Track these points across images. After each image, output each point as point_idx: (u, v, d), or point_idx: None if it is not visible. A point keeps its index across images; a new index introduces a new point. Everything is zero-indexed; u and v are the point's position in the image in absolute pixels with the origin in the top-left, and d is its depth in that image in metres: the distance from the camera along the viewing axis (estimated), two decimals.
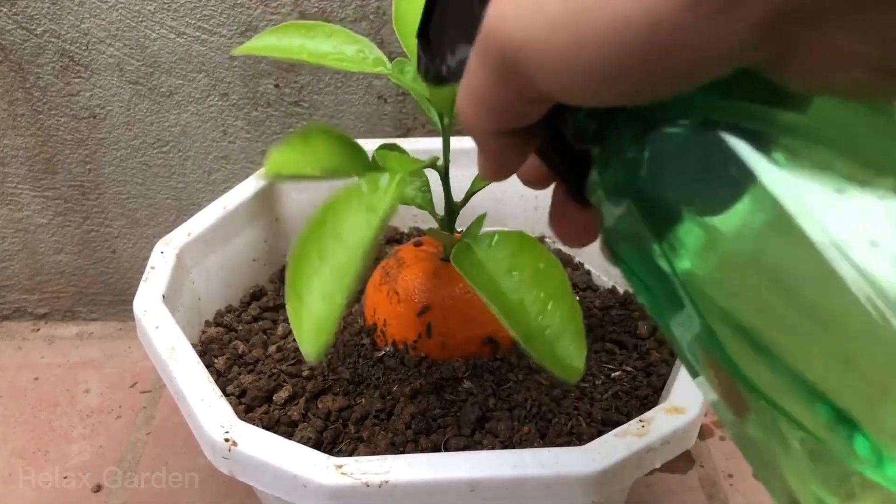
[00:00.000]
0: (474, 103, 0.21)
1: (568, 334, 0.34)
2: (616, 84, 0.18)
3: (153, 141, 0.58)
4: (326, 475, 0.32)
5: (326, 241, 0.32)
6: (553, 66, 0.18)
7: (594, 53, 0.17)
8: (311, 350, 0.29)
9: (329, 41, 0.40)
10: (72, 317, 0.67)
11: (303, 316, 0.30)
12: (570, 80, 0.18)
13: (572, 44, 0.17)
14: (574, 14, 0.17)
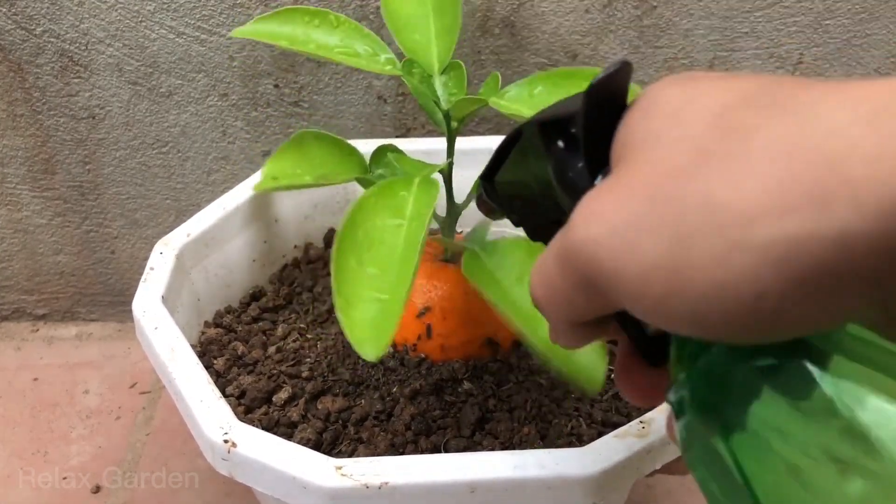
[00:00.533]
0: (550, 296, 0.22)
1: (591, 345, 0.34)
2: (709, 332, 0.18)
3: (152, 141, 0.58)
4: (326, 476, 0.32)
5: (362, 247, 0.32)
6: (644, 304, 0.18)
7: (689, 308, 0.17)
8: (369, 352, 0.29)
9: (336, 33, 0.40)
10: (71, 317, 0.67)
11: (354, 319, 0.30)
12: (660, 319, 0.18)
13: (667, 293, 0.17)
14: (673, 267, 0.17)
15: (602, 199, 0.19)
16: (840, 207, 0.15)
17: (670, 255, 0.17)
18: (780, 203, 0.15)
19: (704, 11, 0.53)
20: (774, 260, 0.15)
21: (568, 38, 0.54)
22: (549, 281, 0.21)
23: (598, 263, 0.19)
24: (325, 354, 0.43)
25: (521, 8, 0.53)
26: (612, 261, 0.18)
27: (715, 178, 0.17)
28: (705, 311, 0.17)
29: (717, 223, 0.16)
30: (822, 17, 0.53)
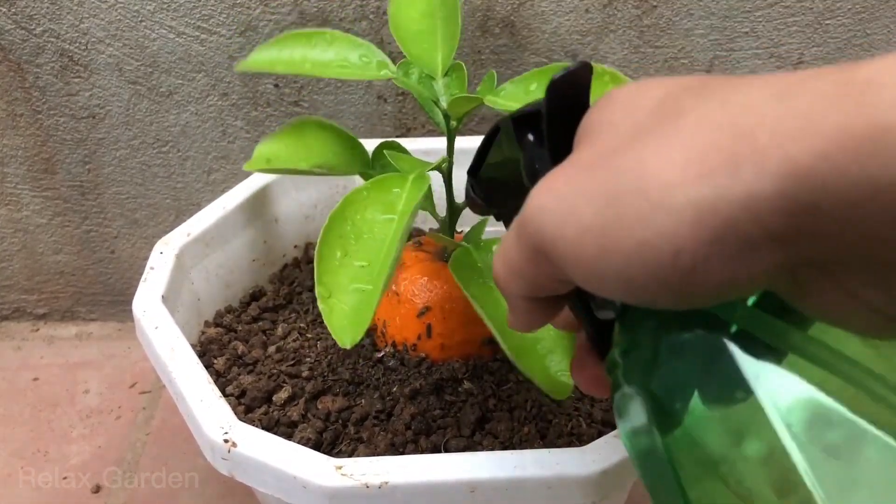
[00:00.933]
0: (508, 271, 0.23)
1: (560, 350, 0.35)
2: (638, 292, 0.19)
3: (152, 141, 0.58)
4: (326, 476, 0.32)
5: (349, 240, 0.33)
6: (580, 266, 0.20)
7: (618, 265, 0.19)
8: (345, 339, 0.30)
9: (331, 49, 0.40)
10: (71, 317, 0.67)
11: (333, 308, 0.31)
12: (594, 280, 0.20)
13: (598, 253, 0.19)
14: (603, 228, 0.19)
15: (554, 174, 0.21)
16: (747, 173, 0.16)
17: (602, 217, 0.19)
18: (698, 170, 0.17)
19: (704, 11, 0.53)
20: (690, 219, 0.17)
21: (568, 37, 0.54)
22: (506, 255, 0.23)
23: (544, 229, 0.20)
24: (325, 354, 0.43)
25: (520, 7, 0.53)
26: (554, 225, 0.20)
27: (647, 151, 0.19)
28: (631, 269, 0.18)
29: (643, 188, 0.18)
30: (822, 16, 0.53)
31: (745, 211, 0.16)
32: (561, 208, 0.20)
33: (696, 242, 0.17)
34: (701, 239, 0.17)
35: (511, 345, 0.34)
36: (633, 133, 0.20)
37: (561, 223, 0.20)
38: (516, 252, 0.22)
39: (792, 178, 0.16)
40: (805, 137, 0.16)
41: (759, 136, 0.17)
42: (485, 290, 0.36)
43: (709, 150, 0.17)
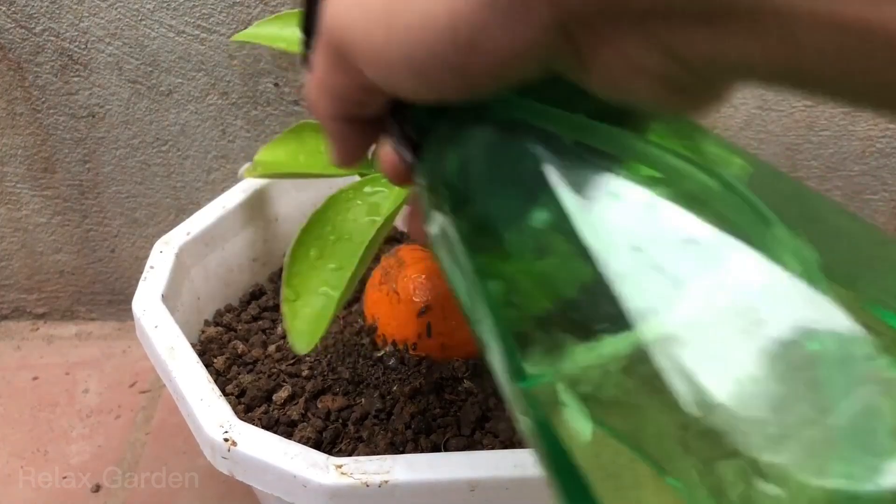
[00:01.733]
0: (317, 89, 0.22)
1: None
2: (427, 78, 0.18)
3: (152, 140, 0.58)
4: (326, 475, 0.32)
5: (327, 241, 0.32)
6: (370, 58, 0.19)
7: (403, 48, 0.18)
8: (302, 345, 0.29)
9: None
10: (71, 316, 0.67)
11: (298, 311, 0.30)
12: (386, 71, 0.19)
13: (385, 38, 0.18)
14: (387, 9, 0.18)
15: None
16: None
17: (389, 9, 0.18)
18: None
19: None
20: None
21: None
22: (316, 72, 0.22)
23: (339, 27, 0.20)
24: (324, 353, 0.43)
25: None
26: (348, 18, 0.19)
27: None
28: (414, 50, 0.18)
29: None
30: None
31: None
32: (351, 2, 0.19)
33: (470, 7, 0.16)
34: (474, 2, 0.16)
35: None
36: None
37: (351, 16, 0.19)
38: (321, 62, 0.21)
39: None
40: None
41: None
42: None
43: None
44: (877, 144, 0.58)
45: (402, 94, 0.20)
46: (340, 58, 0.20)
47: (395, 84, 0.19)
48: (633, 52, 0.17)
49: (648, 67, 0.17)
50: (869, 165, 0.59)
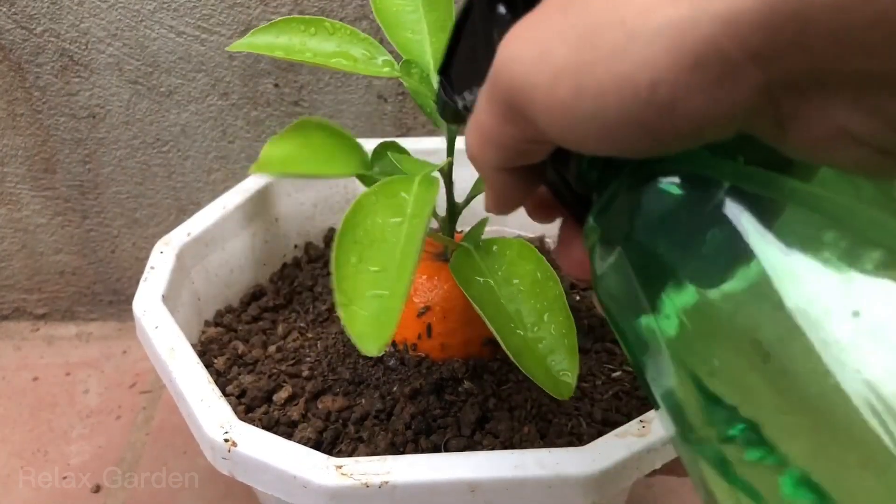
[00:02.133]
0: (481, 139, 0.22)
1: (562, 349, 0.35)
2: (615, 136, 0.18)
3: (152, 140, 0.58)
4: (326, 476, 0.32)
5: (363, 244, 0.32)
6: (554, 114, 0.18)
7: (594, 106, 0.17)
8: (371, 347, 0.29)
9: (332, 39, 0.40)
10: (71, 317, 0.67)
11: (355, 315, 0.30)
12: (570, 128, 0.18)
13: (574, 95, 0.18)
14: (577, 66, 0.17)
15: (522, 22, 0.20)
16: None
17: (576, 55, 0.17)
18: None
19: None
20: (667, 43, 0.16)
21: None
22: (478, 122, 0.22)
23: (514, 78, 0.19)
24: (325, 354, 0.43)
25: None
26: (525, 71, 0.19)
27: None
28: (607, 110, 0.17)
29: (619, 17, 0.17)
30: None
31: (726, 27, 0.15)
32: (531, 53, 0.18)
33: (675, 70, 0.16)
34: (680, 65, 0.16)
35: (512, 345, 0.34)
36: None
37: (532, 68, 0.18)
38: (487, 113, 0.21)
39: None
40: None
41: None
42: (485, 292, 0.36)
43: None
44: None
45: (580, 148, 0.19)
46: (514, 110, 0.20)
47: (575, 140, 0.19)
48: (841, 115, 0.16)
49: (856, 131, 0.16)
50: None
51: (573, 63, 0.18)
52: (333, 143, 0.42)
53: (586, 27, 0.17)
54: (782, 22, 0.15)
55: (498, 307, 0.36)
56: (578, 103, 0.18)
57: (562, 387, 0.34)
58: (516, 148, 0.21)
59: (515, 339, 0.35)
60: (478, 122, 0.22)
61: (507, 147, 0.21)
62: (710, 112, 0.17)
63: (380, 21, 0.41)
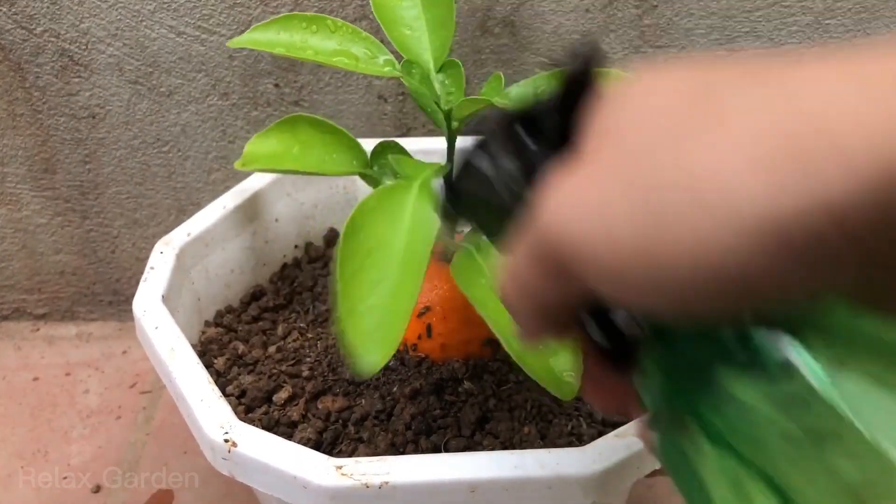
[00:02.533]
0: (519, 292, 0.21)
1: (564, 350, 0.35)
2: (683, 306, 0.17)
3: (153, 140, 0.58)
4: (326, 476, 0.32)
5: (360, 254, 0.32)
6: (619, 288, 0.17)
7: (668, 284, 0.16)
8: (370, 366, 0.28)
9: (333, 37, 0.40)
10: (71, 317, 0.67)
11: (357, 328, 0.29)
12: (637, 301, 0.18)
13: (639, 267, 0.17)
14: (650, 248, 0.16)
15: (571, 180, 0.18)
16: (830, 173, 0.14)
17: (646, 234, 0.16)
18: (767, 174, 0.15)
19: (705, 11, 0.53)
20: (761, 230, 0.15)
21: (568, 37, 0.54)
22: (517, 273, 0.21)
23: (570, 246, 0.18)
24: (325, 354, 0.43)
25: (521, 7, 0.53)
26: (585, 242, 0.17)
27: (693, 151, 0.16)
28: (686, 289, 0.16)
29: (697, 199, 0.15)
30: (822, 16, 0.53)
31: (829, 216, 0.14)
32: (587, 216, 0.17)
33: (769, 257, 0.15)
34: (774, 253, 0.15)
35: (514, 346, 0.34)
36: (670, 128, 0.17)
37: (588, 232, 0.17)
38: (528, 268, 0.20)
39: (887, 178, 0.14)
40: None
41: (839, 130, 0.14)
42: (487, 293, 0.36)
43: (774, 145, 0.15)
44: None
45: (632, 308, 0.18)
46: (561, 268, 0.18)
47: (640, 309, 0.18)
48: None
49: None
50: None
51: (644, 242, 0.16)
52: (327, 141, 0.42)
53: (653, 196, 0.16)
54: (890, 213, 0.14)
55: (500, 309, 0.36)
56: (648, 278, 0.17)
57: (565, 387, 0.34)
58: (557, 301, 0.20)
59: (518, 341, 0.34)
60: (516, 275, 0.21)
61: (547, 300, 0.20)
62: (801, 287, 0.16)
63: (378, 18, 0.41)
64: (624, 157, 0.17)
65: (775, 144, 0.15)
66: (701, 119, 0.16)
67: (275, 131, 0.41)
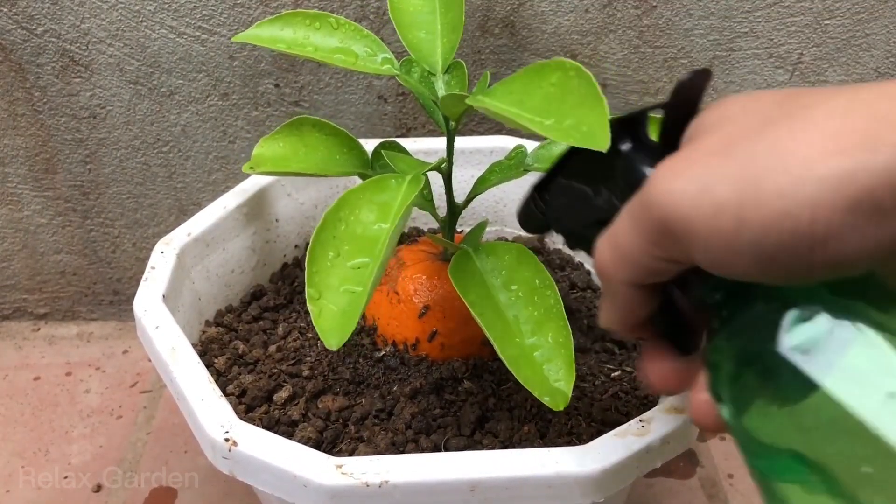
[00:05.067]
0: (618, 257, 0.24)
1: (559, 359, 0.35)
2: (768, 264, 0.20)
3: (153, 141, 0.58)
4: (326, 475, 0.32)
5: (342, 241, 0.33)
6: (714, 245, 0.21)
7: (754, 239, 0.20)
8: (332, 341, 0.30)
9: (335, 35, 0.40)
10: (72, 317, 0.67)
11: (323, 308, 0.31)
12: (727, 258, 0.21)
13: (736, 228, 0.20)
14: (740, 202, 0.20)
15: (676, 160, 0.22)
16: (886, 149, 0.18)
17: (740, 194, 0.20)
18: (837, 146, 0.19)
19: (704, 11, 0.53)
20: (830, 188, 0.19)
21: (567, 37, 0.54)
22: (617, 240, 0.24)
23: (675, 209, 0.21)
24: (325, 353, 0.43)
25: (520, 8, 0.53)
26: (688, 204, 0.21)
27: (782, 133, 0.20)
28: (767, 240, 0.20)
29: (783, 166, 0.19)
30: (821, 16, 0.53)
31: (883, 180, 0.18)
32: (693, 188, 0.21)
33: (834, 210, 0.19)
34: (839, 206, 0.19)
35: (508, 353, 0.34)
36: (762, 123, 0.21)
37: (695, 202, 0.21)
38: (634, 236, 0.23)
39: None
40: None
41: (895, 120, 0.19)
42: (483, 297, 0.36)
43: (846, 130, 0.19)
44: None
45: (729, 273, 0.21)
46: (665, 237, 0.22)
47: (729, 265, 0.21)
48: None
49: None
50: None
51: (736, 200, 0.20)
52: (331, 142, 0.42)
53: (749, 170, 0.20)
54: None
55: (496, 313, 0.36)
56: (739, 235, 0.20)
57: (558, 397, 0.34)
58: (653, 267, 0.23)
59: (513, 347, 0.34)
60: (616, 241, 0.24)
61: (644, 266, 0.24)
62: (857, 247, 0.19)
63: (394, 19, 0.41)
64: (724, 140, 0.21)
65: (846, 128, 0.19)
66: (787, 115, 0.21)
67: (282, 134, 0.42)
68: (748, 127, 0.21)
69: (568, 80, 0.29)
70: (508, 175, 0.42)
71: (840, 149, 0.19)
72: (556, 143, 0.42)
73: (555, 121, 0.28)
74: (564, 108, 0.28)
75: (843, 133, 0.19)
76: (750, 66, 0.55)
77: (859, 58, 0.55)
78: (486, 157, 0.52)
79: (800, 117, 0.20)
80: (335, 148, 0.42)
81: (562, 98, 0.29)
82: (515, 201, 0.55)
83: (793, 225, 0.19)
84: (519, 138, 0.52)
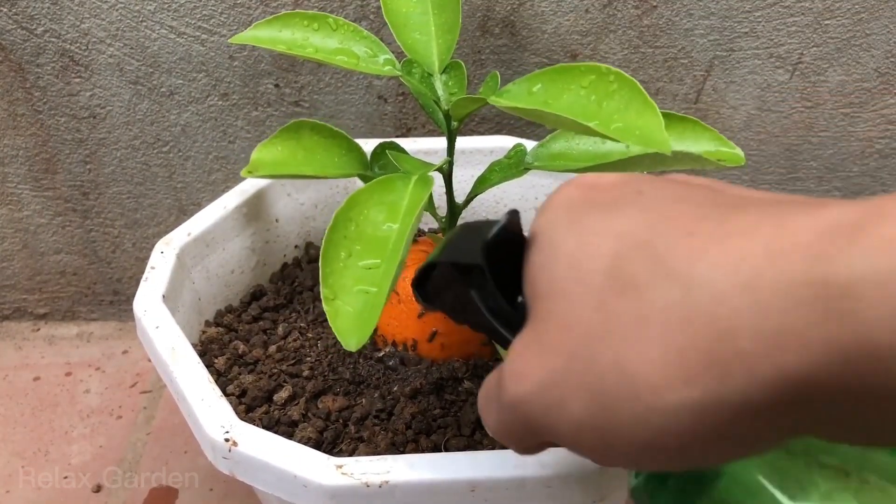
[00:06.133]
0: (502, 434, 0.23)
1: None
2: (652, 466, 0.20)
3: (153, 141, 0.58)
4: (327, 475, 0.32)
5: (353, 241, 0.33)
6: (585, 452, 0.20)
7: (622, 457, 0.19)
8: (351, 342, 0.30)
9: (335, 36, 0.40)
10: (72, 317, 0.67)
11: (339, 310, 0.31)
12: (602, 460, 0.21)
13: (601, 446, 0.20)
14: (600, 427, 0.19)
15: (525, 358, 0.21)
16: (738, 379, 0.17)
17: (595, 417, 0.19)
18: (681, 373, 0.17)
19: (704, 11, 0.53)
20: (688, 421, 0.18)
21: (568, 37, 0.54)
22: (496, 418, 0.23)
23: (533, 419, 0.21)
24: (325, 353, 0.43)
25: (520, 8, 0.53)
26: (545, 417, 0.20)
27: (621, 346, 0.18)
28: (637, 458, 0.19)
29: (631, 391, 0.18)
30: (821, 16, 0.53)
31: (743, 409, 0.17)
32: (546, 402, 0.20)
33: (701, 438, 0.18)
34: (705, 435, 0.18)
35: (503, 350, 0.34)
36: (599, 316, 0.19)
37: (551, 416, 0.20)
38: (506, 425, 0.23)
39: (784, 383, 0.16)
40: (792, 349, 0.16)
41: (742, 341, 0.16)
42: None
43: (687, 349, 0.17)
44: (876, 146, 0.58)
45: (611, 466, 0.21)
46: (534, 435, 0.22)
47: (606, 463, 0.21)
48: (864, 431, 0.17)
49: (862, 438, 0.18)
50: (868, 166, 0.59)
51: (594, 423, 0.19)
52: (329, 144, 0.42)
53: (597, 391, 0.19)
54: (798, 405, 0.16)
55: None
56: (605, 452, 0.20)
57: None
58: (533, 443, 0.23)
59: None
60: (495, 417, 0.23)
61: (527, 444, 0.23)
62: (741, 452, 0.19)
63: (388, 21, 0.41)
64: (564, 339, 0.20)
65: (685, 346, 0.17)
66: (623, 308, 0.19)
67: (280, 138, 0.42)
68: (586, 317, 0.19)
69: (606, 84, 0.29)
70: (508, 174, 0.42)
71: (685, 376, 0.17)
72: (556, 141, 0.42)
73: (598, 122, 0.28)
74: (607, 111, 0.28)
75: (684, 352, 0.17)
76: (750, 66, 0.55)
77: (859, 58, 0.55)
78: (486, 157, 0.52)
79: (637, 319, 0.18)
80: (334, 150, 0.42)
81: (599, 101, 0.29)
82: (515, 201, 0.55)
83: (660, 449, 0.18)
84: (519, 138, 0.52)
